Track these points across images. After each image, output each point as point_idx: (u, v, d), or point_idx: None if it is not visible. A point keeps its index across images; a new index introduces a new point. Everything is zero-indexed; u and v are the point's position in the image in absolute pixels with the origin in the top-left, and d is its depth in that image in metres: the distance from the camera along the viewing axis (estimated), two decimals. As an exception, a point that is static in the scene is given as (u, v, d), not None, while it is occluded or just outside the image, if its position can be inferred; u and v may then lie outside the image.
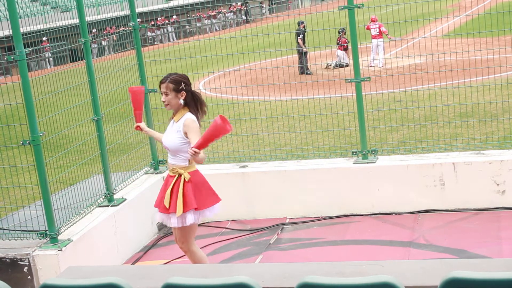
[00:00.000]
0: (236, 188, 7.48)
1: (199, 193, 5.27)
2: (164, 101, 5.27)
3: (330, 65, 18.77)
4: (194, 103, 5.32)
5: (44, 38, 6.05)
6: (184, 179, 5.23)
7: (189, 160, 5.27)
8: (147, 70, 7.84)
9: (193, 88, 5.43)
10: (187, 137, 5.20)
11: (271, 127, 10.98)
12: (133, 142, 8.24)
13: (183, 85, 5.23)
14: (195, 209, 5.22)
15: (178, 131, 5.22)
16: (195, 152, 4.93)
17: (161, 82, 5.31)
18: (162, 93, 5.29)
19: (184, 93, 5.23)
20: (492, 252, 5.97)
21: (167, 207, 5.26)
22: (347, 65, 18.31)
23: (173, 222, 5.29)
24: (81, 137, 7.32)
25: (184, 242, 5.41)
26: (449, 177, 6.98)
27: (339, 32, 19.60)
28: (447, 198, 7.03)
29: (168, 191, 5.27)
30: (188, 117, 5.24)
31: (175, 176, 5.29)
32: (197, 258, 5.45)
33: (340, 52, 19.45)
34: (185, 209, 5.20)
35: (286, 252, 6.60)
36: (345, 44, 19.32)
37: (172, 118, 5.40)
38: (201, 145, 4.96)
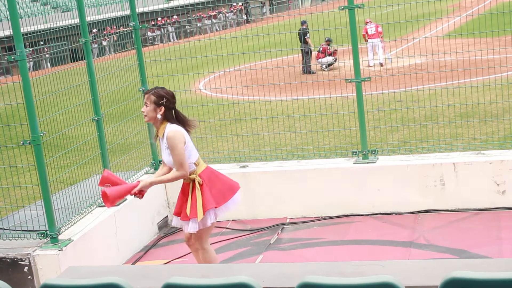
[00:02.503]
0: (236, 188, 7.47)
1: (216, 189, 5.29)
2: (143, 112, 5.24)
3: (324, 69, 18.99)
4: (174, 120, 5.24)
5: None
6: (198, 183, 5.25)
7: (194, 164, 5.28)
8: (147, 70, 7.84)
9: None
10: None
11: (271, 127, 10.99)
12: (133, 142, 8.24)
13: (164, 100, 5.16)
14: (214, 207, 5.25)
15: (167, 148, 5.21)
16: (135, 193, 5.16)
17: (145, 93, 5.32)
18: (144, 103, 5.28)
19: (163, 108, 5.16)
20: (492, 252, 5.97)
21: (188, 214, 5.26)
22: (335, 61, 18.77)
23: (192, 227, 5.26)
24: (81, 137, 7.32)
25: (200, 240, 5.41)
26: (449, 177, 6.98)
27: (325, 40, 19.65)
28: (447, 198, 7.03)
29: (189, 199, 5.28)
30: (169, 130, 5.16)
31: (189, 183, 5.31)
32: (209, 257, 5.45)
33: (324, 59, 19.48)
34: (205, 210, 5.21)
35: (287, 252, 6.60)
36: (327, 51, 19.40)
37: (157, 135, 5.35)
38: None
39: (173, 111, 5.24)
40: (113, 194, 5.11)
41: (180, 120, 5.26)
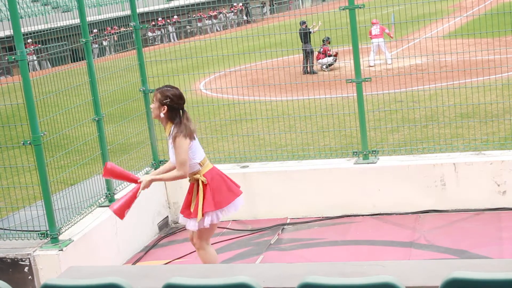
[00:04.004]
0: (237, 188, 7.47)
1: (219, 192, 5.34)
2: (151, 107, 5.37)
3: (325, 70, 19.13)
4: (179, 121, 5.22)
5: (29, 40, 6.04)
6: (203, 183, 5.29)
7: (199, 164, 5.32)
8: (148, 70, 7.84)
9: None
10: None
11: (272, 127, 10.99)
12: (134, 142, 8.24)
13: (167, 100, 5.18)
14: (212, 210, 5.31)
15: (172, 147, 5.27)
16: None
17: (156, 90, 5.39)
18: (152, 100, 5.42)
19: (165, 107, 5.19)
20: (493, 253, 5.97)
21: (192, 211, 5.36)
22: (335, 61, 19.10)
23: (192, 225, 5.37)
24: (82, 137, 7.32)
25: (200, 239, 5.49)
26: (450, 177, 6.98)
27: (323, 41, 19.73)
28: (448, 199, 7.03)
29: (194, 197, 5.35)
30: (173, 131, 5.21)
31: (194, 183, 5.38)
32: (209, 258, 5.51)
33: (324, 60, 19.56)
34: (203, 212, 5.28)
35: (287, 252, 6.60)
36: (328, 52, 19.50)
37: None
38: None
39: (180, 111, 5.26)
40: (121, 209, 5.31)
41: (187, 122, 5.23)
